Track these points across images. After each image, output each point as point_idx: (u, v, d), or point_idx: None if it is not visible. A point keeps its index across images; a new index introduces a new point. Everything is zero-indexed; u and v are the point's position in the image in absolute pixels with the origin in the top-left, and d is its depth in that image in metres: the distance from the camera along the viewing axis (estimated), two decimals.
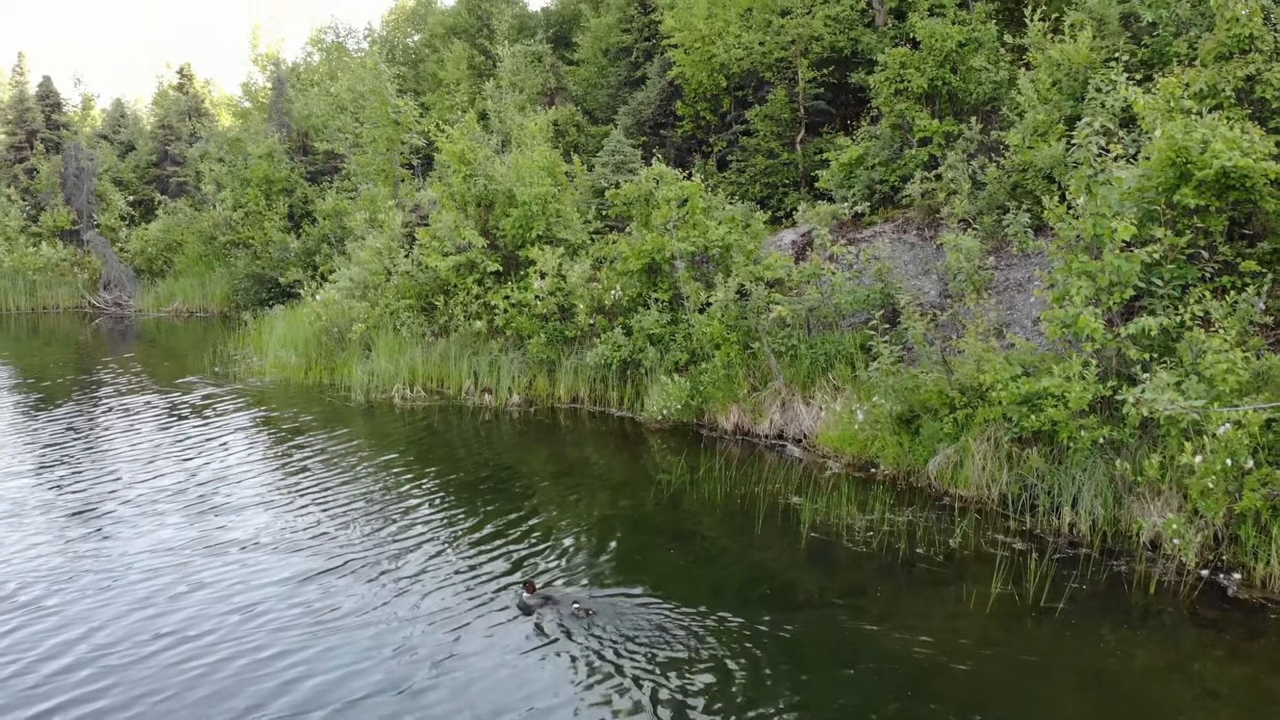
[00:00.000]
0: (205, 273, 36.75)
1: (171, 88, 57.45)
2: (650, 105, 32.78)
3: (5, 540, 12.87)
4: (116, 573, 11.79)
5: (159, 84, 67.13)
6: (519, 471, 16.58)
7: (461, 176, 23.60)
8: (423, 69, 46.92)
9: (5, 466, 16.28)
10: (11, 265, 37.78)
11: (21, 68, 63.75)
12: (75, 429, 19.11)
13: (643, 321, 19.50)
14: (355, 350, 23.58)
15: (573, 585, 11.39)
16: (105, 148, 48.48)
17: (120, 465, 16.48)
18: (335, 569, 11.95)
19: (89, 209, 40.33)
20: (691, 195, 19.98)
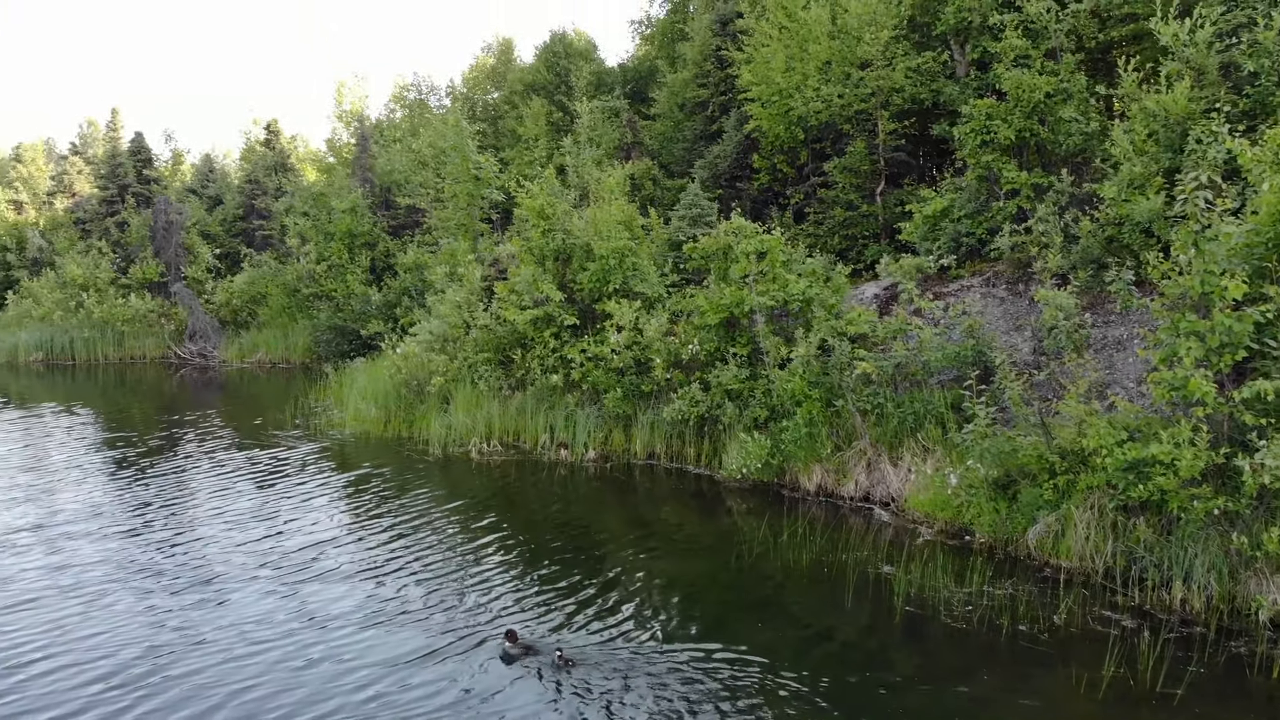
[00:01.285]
0: (288, 325, 37.41)
1: (258, 143, 59.32)
2: (726, 158, 32.71)
3: (115, 607, 12.71)
4: (228, 643, 11.53)
5: (246, 139, 69.50)
6: (596, 530, 16.22)
7: (540, 231, 23.66)
8: (502, 125, 47.70)
9: (102, 527, 16.31)
10: (101, 316, 38.94)
11: (115, 123, 66.53)
12: (164, 486, 19.22)
13: (721, 376, 19.12)
14: (434, 403, 23.60)
15: (654, 645, 10.96)
16: (194, 202, 50.05)
17: (209, 525, 16.40)
18: (432, 645, 11.63)
19: (177, 261, 41.48)
20: (771, 249, 19.65)
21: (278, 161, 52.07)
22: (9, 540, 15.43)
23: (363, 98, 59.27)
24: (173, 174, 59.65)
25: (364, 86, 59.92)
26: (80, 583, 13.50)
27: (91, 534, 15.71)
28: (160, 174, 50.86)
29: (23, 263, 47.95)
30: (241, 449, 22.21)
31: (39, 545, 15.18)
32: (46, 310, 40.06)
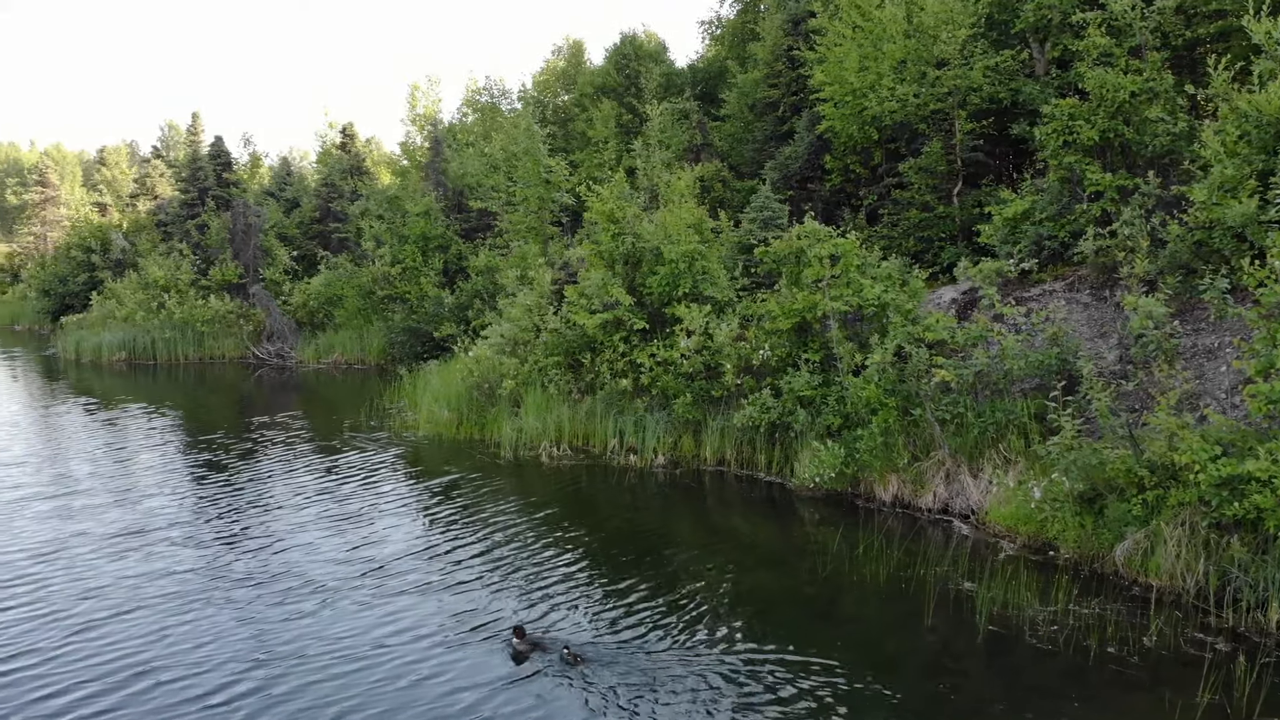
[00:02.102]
0: (363, 326, 37.93)
1: (334, 146, 60.36)
2: (798, 159, 32.37)
3: (217, 617, 12.62)
4: (330, 660, 11.29)
5: (322, 142, 70.80)
6: (666, 538, 16.10)
7: (610, 235, 23.62)
8: (572, 127, 47.83)
9: (195, 532, 16.40)
10: (182, 317, 39.90)
11: (196, 127, 68.28)
12: (248, 489, 19.44)
13: (793, 383, 18.84)
14: (504, 406, 23.70)
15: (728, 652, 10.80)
16: (271, 204, 51.09)
17: (297, 532, 16.39)
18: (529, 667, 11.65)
19: (255, 263, 42.39)
20: (846, 252, 19.32)
21: (353, 165, 52.91)
22: (107, 546, 15.53)
23: (436, 101, 60.00)
24: (251, 177, 61.02)
25: (437, 90, 60.64)
26: (181, 591, 13.52)
27: (185, 540, 15.84)
28: (239, 177, 52.02)
29: (107, 264, 49.39)
30: (321, 451, 22.48)
31: (136, 551, 15.28)
32: (129, 311, 41.17)
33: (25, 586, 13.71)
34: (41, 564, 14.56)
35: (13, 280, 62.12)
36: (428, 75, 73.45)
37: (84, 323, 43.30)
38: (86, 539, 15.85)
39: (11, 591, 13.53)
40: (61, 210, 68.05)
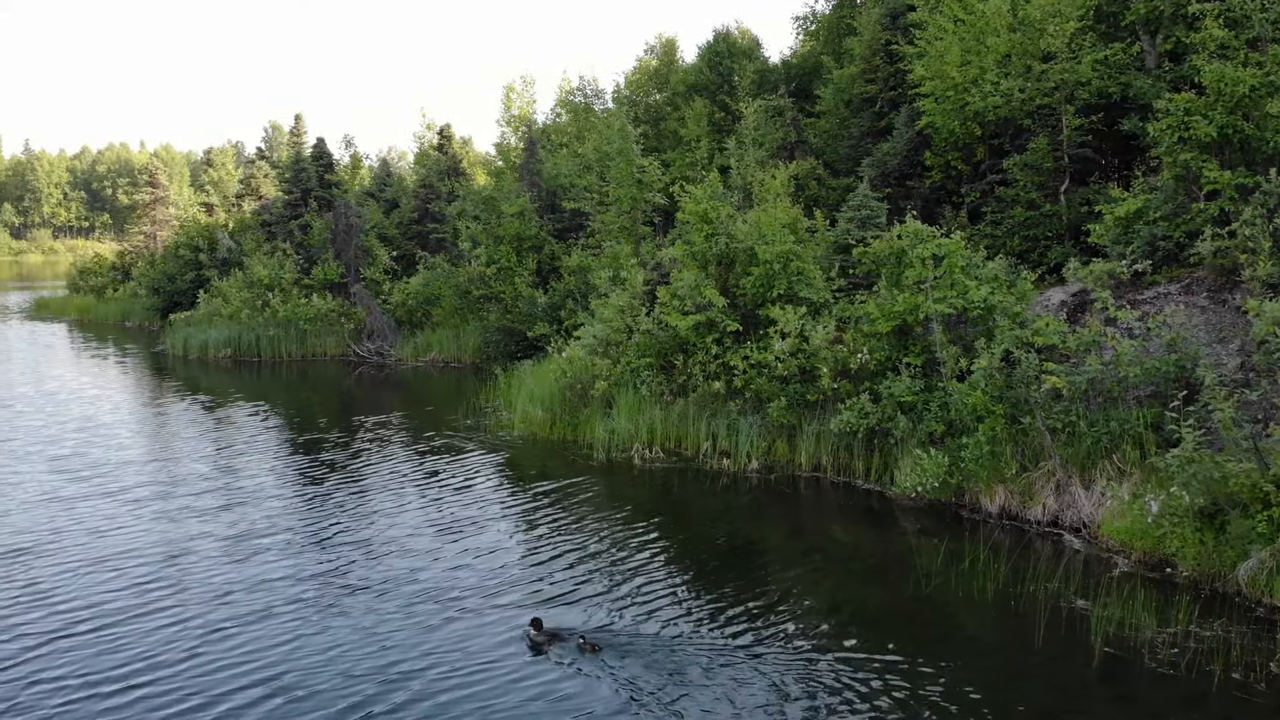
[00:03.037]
0: (460, 325, 38.36)
1: (432, 147, 61.35)
2: (896, 156, 31.66)
3: (344, 625, 12.52)
4: (468, 674, 11.09)
5: (419, 143, 72.11)
6: (760, 545, 15.86)
7: (703, 235, 23.41)
8: (664, 126, 47.70)
9: (314, 536, 16.32)
10: (285, 315, 40.89)
11: (299, 128, 70.14)
12: (357, 489, 19.59)
13: (893, 388, 18.38)
14: (597, 407, 23.70)
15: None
16: (372, 205, 52.11)
17: (413, 537, 16.32)
18: (658, 681, 11.45)
19: (356, 263, 43.24)
20: (950, 253, 18.75)
21: (450, 166, 53.67)
22: (231, 549, 15.55)
23: (530, 102, 60.50)
24: (352, 178, 62.37)
25: (531, 91, 60.99)
26: (305, 598, 13.46)
27: (303, 544, 15.82)
28: (340, 178, 53.19)
29: (213, 263, 50.96)
30: (422, 452, 22.67)
31: (259, 555, 15.25)
32: (234, 309, 42.40)
33: (161, 590, 13.76)
34: (173, 566, 14.68)
35: (124, 278, 64.47)
36: (522, 76, 74.40)
37: (191, 320, 44.68)
38: (210, 541, 15.91)
39: (151, 595, 13.54)
40: (170, 210, 70.51)
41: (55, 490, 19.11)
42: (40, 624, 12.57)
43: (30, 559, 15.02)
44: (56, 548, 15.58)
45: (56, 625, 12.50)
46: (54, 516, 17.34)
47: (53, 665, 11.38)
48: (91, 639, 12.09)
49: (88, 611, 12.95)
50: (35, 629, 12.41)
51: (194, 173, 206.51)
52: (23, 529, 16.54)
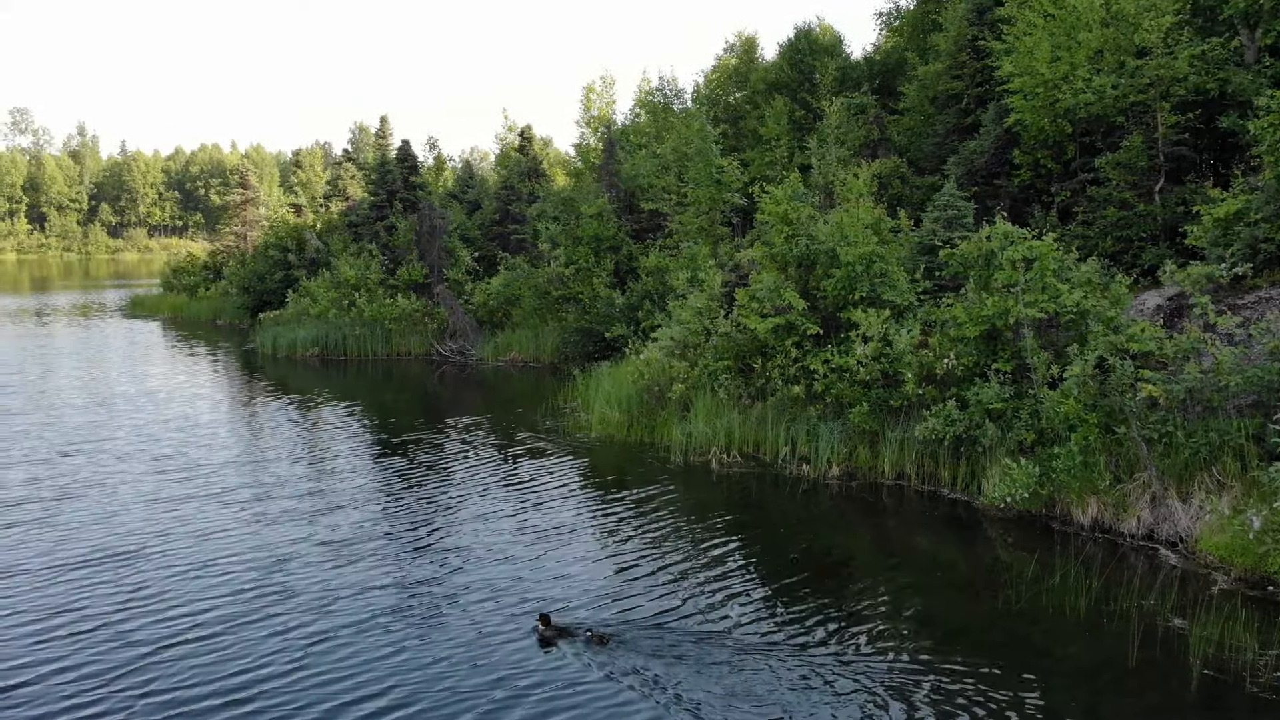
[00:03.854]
0: (539, 326, 38.64)
1: (513, 149, 62.01)
2: (984, 154, 30.95)
3: (448, 634, 12.47)
4: (588, 686, 10.94)
5: (500, 145, 72.96)
6: (841, 555, 15.56)
7: (783, 236, 23.12)
8: (743, 125, 47.40)
9: (410, 542, 16.28)
10: (371, 315, 41.67)
11: (384, 130, 71.49)
12: (444, 493, 19.66)
13: (981, 394, 17.88)
14: (674, 410, 23.58)
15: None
16: (455, 206, 52.84)
17: (492, 537, 16.57)
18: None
19: (439, 264, 43.86)
20: (1042, 256, 18.18)
21: (530, 167, 54.14)
22: (330, 555, 15.53)
23: (610, 103, 60.65)
24: (436, 180, 63.27)
25: (611, 91, 61.10)
26: (404, 606, 13.36)
27: (399, 550, 15.74)
28: (424, 180, 54.00)
29: (302, 263, 52.13)
30: (504, 454, 22.74)
31: (356, 561, 15.22)
32: (322, 308, 43.31)
33: (267, 596, 13.76)
34: (276, 572, 14.70)
35: (215, 277, 66.43)
36: (602, 77, 74.55)
37: (280, 319, 45.77)
38: (310, 546, 15.96)
39: (258, 602, 13.54)
40: (260, 211, 72.34)
41: (158, 491, 19.42)
42: (150, 630, 12.63)
43: (138, 562, 15.20)
44: (162, 551, 15.76)
45: (166, 632, 12.57)
46: (159, 518, 17.55)
47: (165, 675, 11.37)
48: (201, 647, 12.11)
49: (196, 618, 13.01)
50: (145, 635, 12.47)
51: (283, 173, 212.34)
52: (129, 531, 16.80)
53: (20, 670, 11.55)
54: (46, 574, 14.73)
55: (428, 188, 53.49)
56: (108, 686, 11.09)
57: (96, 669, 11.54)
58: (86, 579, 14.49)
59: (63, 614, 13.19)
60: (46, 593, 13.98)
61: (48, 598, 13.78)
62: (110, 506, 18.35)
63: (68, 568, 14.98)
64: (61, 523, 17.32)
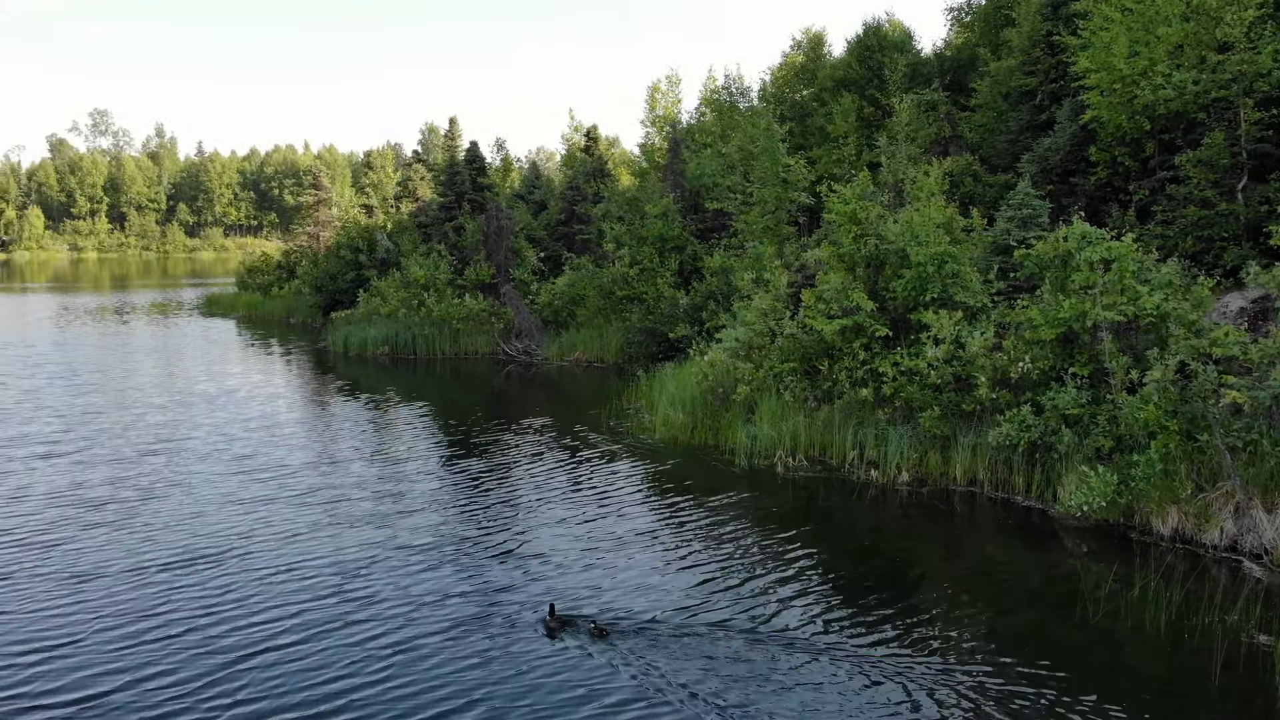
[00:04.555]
0: (603, 326, 38.71)
1: (578, 149, 62.25)
2: (1058, 151, 30.28)
3: (529, 644, 12.33)
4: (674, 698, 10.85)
5: (566, 145, 73.28)
6: (910, 564, 15.30)
7: (851, 236, 22.83)
8: (810, 123, 46.96)
9: (495, 546, 16.12)
10: (439, 314, 42.20)
11: (454, 132, 72.18)
12: (507, 491, 19.77)
13: (1057, 399, 17.45)
14: (739, 412, 23.42)
15: None
16: (521, 207, 53.24)
17: (566, 545, 16.58)
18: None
19: (506, 264, 44.22)
20: (1121, 257, 17.69)
21: (596, 167, 54.29)
22: (412, 559, 15.44)
23: (675, 102, 60.55)
24: (503, 181, 63.78)
25: (677, 90, 61.00)
26: (489, 615, 13.20)
27: (479, 555, 15.65)
28: (492, 181, 54.52)
29: (372, 263, 52.95)
30: (572, 456, 22.81)
31: (439, 565, 15.14)
32: (392, 308, 43.96)
33: (352, 602, 13.66)
34: (359, 577, 14.61)
35: (288, 276, 67.76)
36: (668, 76, 74.37)
37: (351, 318, 46.56)
38: (392, 550, 15.85)
39: (343, 608, 13.45)
40: (332, 211, 73.61)
41: (239, 492, 19.50)
42: (236, 637, 12.53)
43: (222, 566, 15.18)
44: (246, 554, 15.71)
45: (252, 639, 12.45)
46: (241, 520, 17.57)
47: (252, 684, 11.25)
48: (287, 655, 11.98)
49: (281, 624, 12.90)
50: (232, 642, 12.37)
51: (355, 174, 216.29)
52: (212, 533, 16.84)
53: (108, 677, 11.47)
54: (132, 576, 14.75)
55: (495, 188, 54.01)
56: (196, 695, 11.00)
57: (184, 676, 11.46)
58: (172, 582, 14.52)
59: (148, 619, 13.16)
60: (132, 596, 13.99)
61: (133, 601, 13.78)
62: (193, 508, 18.44)
63: (153, 570, 15.02)
64: (144, 524, 17.39)
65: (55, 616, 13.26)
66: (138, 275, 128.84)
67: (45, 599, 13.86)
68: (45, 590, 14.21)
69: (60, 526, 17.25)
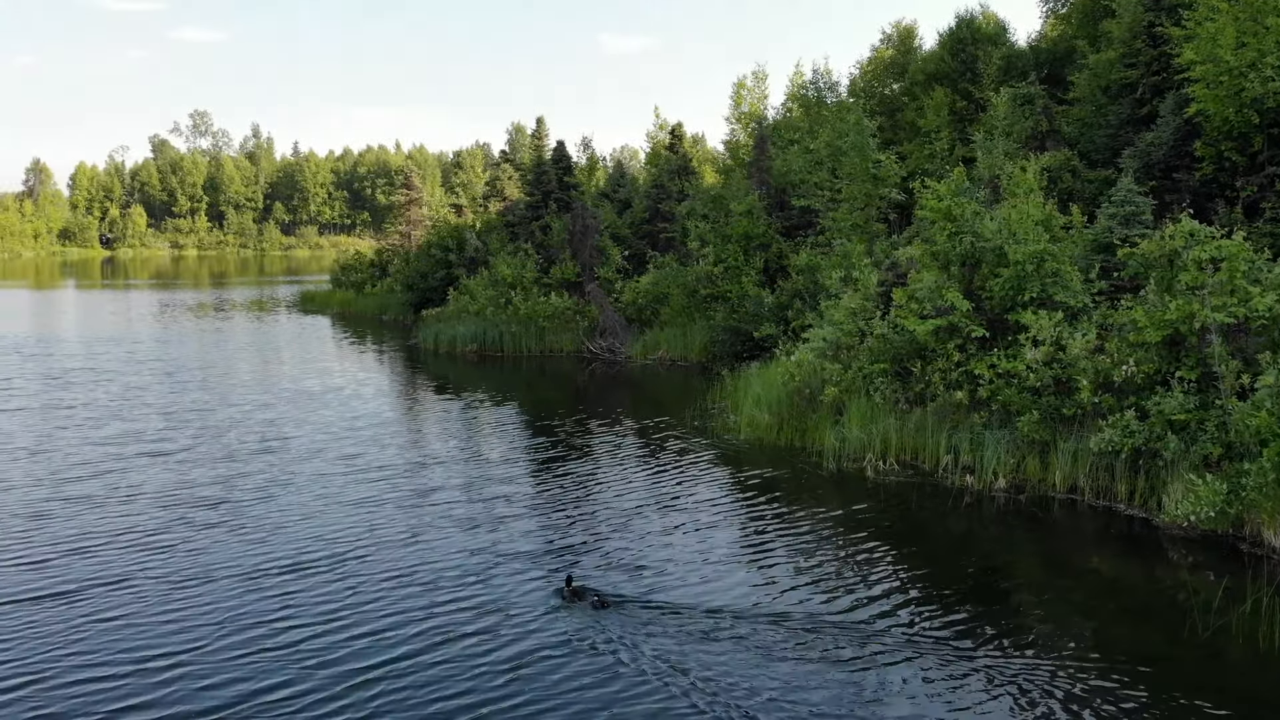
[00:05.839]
0: (687, 324, 38.60)
1: (663, 147, 62.19)
2: (1162, 146, 29.16)
3: (625, 656, 11.93)
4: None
5: (651, 142, 73.30)
6: (1006, 572, 14.89)
7: (946, 234, 22.31)
8: (900, 118, 46.12)
9: (578, 547, 16.05)
10: (526, 313, 42.62)
11: (540, 132, 72.84)
12: (595, 491, 19.64)
13: (1163, 404, 16.78)
14: (827, 414, 23.07)
15: None
16: (606, 206, 53.45)
17: (618, 529, 16.89)
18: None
19: (591, 263, 44.46)
20: (1232, 256, 16.93)
21: (680, 165, 54.18)
22: (526, 567, 15.10)
23: (761, 98, 60.06)
24: (588, 180, 64.14)
25: (763, 86, 60.49)
26: (601, 625, 12.76)
27: (590, 564, 15.23)
28: (578, 180, 54.86)
29: (461, 262, 53.69)
30: (643, 443, 22.88)
31: (551, 574, 14.72)
32: (480, 306, 44.50)
33: (471, 611, 13.29)
34: (480, 584, 14.28)
35: (381, 275, 69.17)
36: (754, 72, 73.83)
37: (441, 316, 47.29)
38: (507, 559, 15.44)
39: (462, 616, 13.11)
40: (423, 211, 74.87)
41: (347, 493, 19.32)
42: (361, 646, 12.12)
43: (340, 570, 14.84)
44: (362, 559, 15.37)
45: (378, 649, 12.03)
46: (353, 522, 17.29)
47: (386, 693, 10.91)
48: (410, 666, 11.56)
49: (403, 633, 12.49)
50: (356, 652, 11.96)
51: (445, 174, 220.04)
52: (327, 536, 16.53)
53: (232, 686, 11.07)
54: (249, 581, 14.39)
55: (581, 187, 54.32)
56: (323, 710, 10.57)
57: (307, 688, 11.02)
58: (289, 587, 14.13)
59: (268, 626, 12.74)
60: (250, 602, 13.59)
61: (252, 607, 13.38)
62: (303, 509, 18.19)
63: (271, 574, 14.64)
64: (257, 526, 17.16)
65: (176, 624, 12.85)
66: (236, 272, 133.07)
67: (164, 605, 13.52)
68: (163, 595, 13.87)
69: (174, 528, 17.02)
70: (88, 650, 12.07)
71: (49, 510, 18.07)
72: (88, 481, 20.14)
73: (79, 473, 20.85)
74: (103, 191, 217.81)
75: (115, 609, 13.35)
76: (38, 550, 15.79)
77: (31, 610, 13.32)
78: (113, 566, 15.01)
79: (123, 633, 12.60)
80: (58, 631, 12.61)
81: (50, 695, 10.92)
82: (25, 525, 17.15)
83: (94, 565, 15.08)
